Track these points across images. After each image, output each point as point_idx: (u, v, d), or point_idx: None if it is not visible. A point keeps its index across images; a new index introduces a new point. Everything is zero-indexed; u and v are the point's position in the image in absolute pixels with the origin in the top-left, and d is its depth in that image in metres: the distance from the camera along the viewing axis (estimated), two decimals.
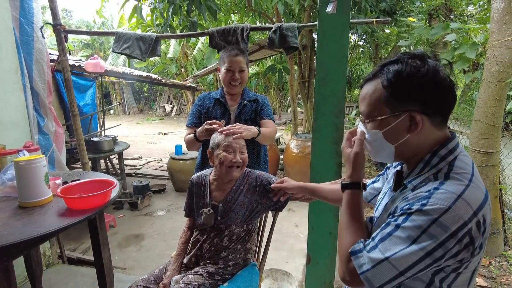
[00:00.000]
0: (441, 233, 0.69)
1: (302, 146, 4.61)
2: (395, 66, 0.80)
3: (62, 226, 1.35)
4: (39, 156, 1.54)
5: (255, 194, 1.52)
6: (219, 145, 1.46)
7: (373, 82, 0.84)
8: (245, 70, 1.87)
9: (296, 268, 2.86)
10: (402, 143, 0.82)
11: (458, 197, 0.70)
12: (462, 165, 0.78)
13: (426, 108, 0.78)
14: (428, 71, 0.77)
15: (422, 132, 0.80)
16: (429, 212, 0.70)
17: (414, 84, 0.77)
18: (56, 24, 2.25)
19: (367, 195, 1.18)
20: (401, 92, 0.79)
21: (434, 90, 0.77)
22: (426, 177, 0.79)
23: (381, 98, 0.81)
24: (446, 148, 0.80)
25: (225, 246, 1.48)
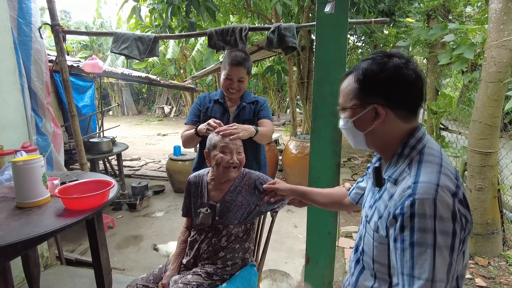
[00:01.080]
0: (445, 224, 0.74)
1: (301, 147, 4.61)
2: (364, 63, 0.90)
3: (60, 226, 1.34)
4: (37, 157, 1.53)
5: (253, 196, 1.51)
6: (216, 146, 1.46)
7: (349, 76, 0.93)
8: (244, 80, 1.86)
9: (295, 269, 2.86)
10: (370, 131, 0.91)
11: (436, 185, 0.76)
12: (431, 151, 0.86)
13: (389, 102, 0.86)
14: (389, 68, 0.85)
15: (387, 123, 0.88)
16: (424, 212, 0.74)
17: (378, 80, 0.86)
18: (54, 24, 2.24)
19: (354, 197, 1.24)
20: (367, 87, 0.88)
21: (396, 85, 0.85)
22: (403, 168, 0.86)
23: (353, 91, 0.91)
24: (414, 138, 0.88)
25: (223, 246, 1.47)
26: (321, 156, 1.74)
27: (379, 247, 0.88)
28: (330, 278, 1.90)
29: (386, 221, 0.84)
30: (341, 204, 1.31)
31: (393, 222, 0.80)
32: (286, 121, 11.91)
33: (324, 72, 1.69)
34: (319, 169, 1.76)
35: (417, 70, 0.87)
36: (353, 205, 1.25)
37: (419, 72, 0.87)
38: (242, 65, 1.79)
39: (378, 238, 0.88)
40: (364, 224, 0.98)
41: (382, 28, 7.19)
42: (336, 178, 1.72)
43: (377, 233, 0.89)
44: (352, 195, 1.24)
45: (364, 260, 0.95)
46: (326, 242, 1.82)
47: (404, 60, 0.86)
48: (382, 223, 0.86)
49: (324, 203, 1.33)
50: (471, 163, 2.80)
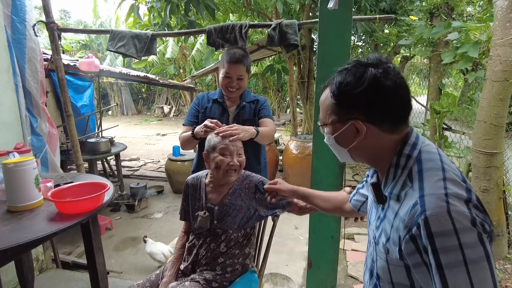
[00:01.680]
0: (470, 235, 0.66)
1: (301, 147, 4.56)
2: (339, 76, 0.82)
3: (52, 231, 1.29)
4: (29, 158, 1.48)
5: (253, 200, 1.46)
6: (215, 147, 1.40)
7: (327, 89, 0.87)
8: (244, 78, 1.80)
9: (296, 272, 2.80)
10: (354, 147, 0.84)
11: (445, 195, 0.69)
12: (429, 155, 0.79)
13: (369, 117, 0.80)
14: (365, 81, 0.77)
15: (370, 138, 0.81)
16: (442, 229, 0.66)
17: (353, 95, 0.79)
18: (49, 22, 2.18)
19: (355, 204, 1.17)
20: (343, 102, 0.82)
21: (374, 98, 0.78)
22: (403, 181, 0.79)
23: (330, 106, 0.85)
24: (408, 145, 0.81)
25: (222, 252, 1.41)
26: (324, 157, 1.68)
27: (396, 269, 0.80)
28: (333, 283, 1.84)
29: (397, 244, 0.76)
30: (342, 209, 1.24)
31: (410, 245, 0.72)
32: (286, 121, 11.85)
33: (327, 71, 1.64)
34: (322, 171, 1.70)
35: (398, 77, 0.79)
36: (355, 212, 1.19)
37: (400, 79, 0.79)
38: (241, 62, 1.73)
39: (392, 261, 0.80)
40: (374, 247, 0.90)
41: (383, 27, 7.14)
42: (339, 180, 1.67)
43: (388, 255, 0.81)
44: (353, 202, 1.18)
45: (382, 286, 0.88)
46: (328, 246, 1.77)
47: (381, 69, 0.78)
48: (392, 246, 0.79)
49: (325, 208, 1.27)
50: (475, 163, 2.74)
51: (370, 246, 0.95)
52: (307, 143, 4.53)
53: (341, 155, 0.92)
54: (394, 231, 0.77)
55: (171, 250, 2.68)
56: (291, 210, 1.47)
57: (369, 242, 0.96)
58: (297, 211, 1.47)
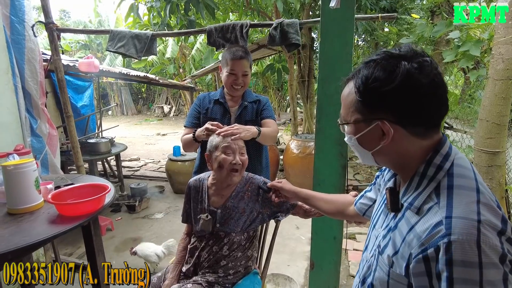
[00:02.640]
0: (495, 272, 0.59)
1: (302, 146, 4.55)
2: (366, 69, 0.72)
3: (52, 234, 1.28)
4: (29, 160, 1.47)
5: (256, 203, 1.44)
6: (217, 147, 1.38)
7: (350, 83, 0.77)
8: (248, 74, 1.79)
9: (298, 272, 2.79)
10: (378, 151, 0.76)
11: (477, 222, 0.61)
12: (462, 171, 0.70)
13: (399, 118, 0.70)
14: (397, 77, 0.67)
15: (397, 141, 0.72)
16: (466, 259, 0.59)
17: (382, 92, 0.69)
18: (48, 22, 2.17)
19: (360, 207, 1.11)
20: (370, 100, 0.72)
21: (407, 98, 0.68)
22: (427, 194, 0.70)
23: (353, 103, 0.76)
24: (440, 154, 0.72)
25: (225, 255, 1.40)
26: (326, 157, 1.66)
27: (396, 285, 0.73)
28: (336, 284, 1.83)
29: (405, 260, 0.69)
30: (345, 213, 1.19)
31: (420, 266, 0.65)
32: (286, 120, 11.83)
33: (329, 70, 1.62)
34: (324, 172, 1.68)
35: (436, 74, 0.69)
36: (359, 216, 1.13)
37: (438, 76, 0.69)
38: (244, 58, 1.73)
39: (395, 276, 0.73)
40: (375, 255, 0.82)
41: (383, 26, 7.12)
42: (342, 180, 1.65)
43: (392, 269, 0.74)
44: (359, 205, 1.11)
45: None
46: (331, 247, 1.75)
47: (417, 64, 0.68)
48: (399, 260, 0.72)
49: (328, 210, 1.23)
50: (477, 163, 2.73)
51: (368, 252, 0.88)
52: (308, 143, 4.52)
53: (364, 158, 0.83)
54: (405, 246, 0.70)
55: (164, 250, 2.67)
56: (295, 213, 1.46)
57: (368, 248, 0.89)
58: (302, 214, 1.45)
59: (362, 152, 0.81)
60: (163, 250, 2.66)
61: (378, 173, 1.05)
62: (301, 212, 1.45)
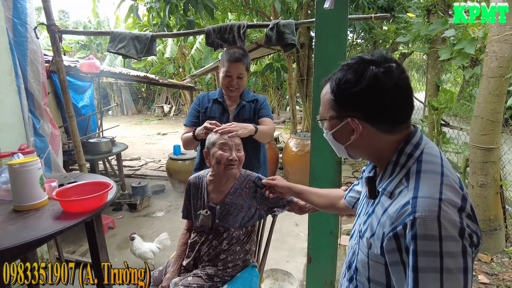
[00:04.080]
0: (454, 245, 0.65)
1: (301, 144, 4.58)
2: (340, 72, 0.81)
3: (57, 230, 1.32)
4: (34, 159, 1.51)
5: (254, 200, 1.49)
6: (215, 144, 1.43)
7: (328, 84, 0.86)
8: (244, 77, 1.83)
9: (297, 268, 2.84)
10: (350, 145, 0.84)
11: (439, 200, 0.68)
12: (430, 158, 0.77)
13: (366, 116, 0.78)
14: (365, 80, 0.76)
15: (366, 137, 0.80)
16: (428, 233, 0.66)
17: (351, 93, 0.78)
18: (50, 24, 2.21)
19: (349, 200, 1.18)
20: (341, 99, 0.81)
21: (371, 98, 0.76)
22: (399, 179, 0.78)
23: (329, 101, 0.84)
24: (410, 144, 0.79)
25: (224, 249, 1.45)
26: (322, 154, 1.71)
27: (375, 266, 0.80)
28: (332, 277, 1.88)
29: (380, 240, 0.76)
30: (336, 206, 1.25)
31: (391, 243, 0.72)
32: (286, 119, 11.88)
33: (324, 69, 1.67)
34: (320, 168, 1.73)
35: (401, 78, 0.76)
36: (349, 209, 1.20)
37: (402, 80, 0.76)
38: (240, 61, 1.76)
39: (373, 256, 0.80)
40: (357, 240, 0.90)
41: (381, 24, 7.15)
42: (337, 177, 1.70)
43: (370, 250, 0.81)
44: (348, 198, 1.18)
45: (358, 279, 0.88)
46: (327, 241, 1.80)
47: (383, 69, 0.75)
48: (375, 241, 0.79)
49: (320, 204, 1.28)
50: (473, 159, 2.77)
51: (353, 239, 0.95)
52: (307, 141, 4.55)
53: (339, 151, 0.92)
54: (380, 227, 0.77)
55: (158, 246, 2.72)
56: (291, 209, 1.51)
57: (353, 235, 0.96)
58: (297, 210, 1.50)
59: (337, 145, 0.90)
60: (157, 245, 2.71)
61: (364, 167, 1.11)
62: (296, 208, 1.50)
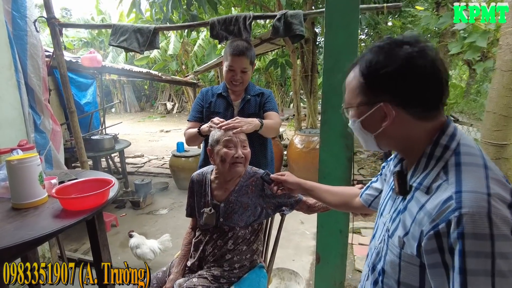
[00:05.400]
0: (507, 244, 0.58)
1: (306, 141, 4.52)
2: (369, 54, 0.76)
3: (56, 229, 1.27)
4: (32, 155, 1.46)
5: (260, 198, 1.42)
6: (219, 141, 1.36)
7: (355, 68, 0.80)
8: (248, 71, 1.75)
9: (303, 266, 2.78)
10: (381, 133, 0.78)
11: (487, 195, 0.62)
12: (469, 149, 0.71)
13: (400, 100, 0.73)
14: (398, 60, 0.70)
15: (399, 124, 0.75)
16: (477, 231, 0.59)
17: (383, 74, 0.72)
18: (50, 17, 2.15)
19: (366, 198, 1.11)
20: (372, 82, 0.75)
21: (406, 80, 0.71)
22: (436, 173, 0.71)
23: (357, 86, 0.78)
24: (446, 135, 0.73)
25: (229, 249, 1.39)
26: (332, 150, 1.64)
27: (408, 267, 0.73)
28: (342, 277, 1.82)
29: (417, 240, 0.70)
30: (351, 205, 1.19)
31: (432, 242, 0.65)
32: (289, 116, 11.79)
33: (334, 61, 1.60)
34: (329, 164, 1.66)
35: (436, 58, 0.71)
36: (365, 208, 1.13)
37: (438, 61, 0.71)
38: (244, 54, 1.68)
39: (406, 257, 0.73)
40: (385, 239, 0.83)
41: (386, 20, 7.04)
42: (348, 173, 1.63)
43: (403, 250, 0.74)
44: (365, 196, 1.11)
45: (385, 282, 0.81)
46: (337, 240, 1.74)
47: (418, 48, 0.70)
48: (410, 240, 0.72)
49: (332, 202, 1.21)
50: None
51: (376, 240, 0.89)
52: (312, 138, 4.50)
53: (367, 142, 0.84)
54: (416, 225, 0.71)
55: (159, 246, 2.65)
56: (299, 208, 1.44)
57: (376, 236, 0.90)
58: (306, 210, 1.43)
59: (365, 136, 0.82)
60: (159, 246, 2.65)
61: (384, 163, 1.05)
62: (304, 207, 1.43)
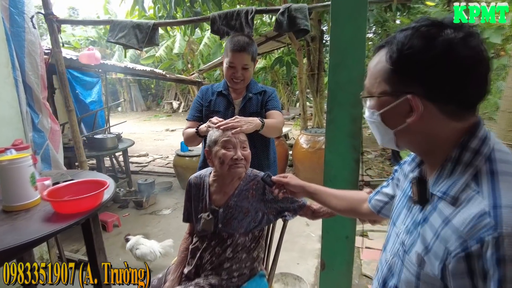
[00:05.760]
0: None
1: (312, 141, 4.43)
2: (402, 35, 0.64)
3: (46, 233, 1.21)
4: (24, 155, 1.40)
5: (261, 203, 1.33)
6: (217, 141, 1.28)
7: (382, 51, 0.69)
8: (249, 67, 1.66)
9: (308, 270, 2.70)
10: (403, 130, 0.68)
11: None
12: (505, 156, 0.61)
13: (431, 93, 0.62)
14: (438, 46, 0.59)
15: (426, 121, 0.64)
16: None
17: (417, 61, 0.61)
18: (47, 13, 2.10)
19: (375, 204, 1.01)
20: (402, 69, 0.64)
21: (442, 71, 0.60)
22: (465, 182, 0.61)
23: (382, 72, 0.67)
24: (476, 138, 0.62)
25: (228, 257, 1.30)
26: (338, 151, 1.55)
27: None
28: (348, 285, 1.72)
29: (440, 259, 0.60)
30: (358, 210, 1.09)
31: (461, 265, 0.56)
32: (295, 115, 11.67)
33: (341, 57, 1.50)
34: (335, 166, 1.57)
35: (482, 49, 0.60)
36: (373, 214, 1.03)
37: (483, 52, 0.60)
38: (245, 50, 1.59)
39: (426, 278, 0.64)
40: (400, 254, 0.73)
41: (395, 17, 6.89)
42: (355, 176, 1.54)
43: (421, 269, 0.65)
44: (374, 202, 1.01)
45: None
46: (343, 246, 1.64)
47: (463, 34, 0.59)
48: (432, 259, 0.62)
49: (338, 207, 1.12)
50: None
51: (388, 252, 0.80)
52: (318, 137, 4.40)
53: (383, 138, 0.74)
54: (439, 242, 0.61)
55: (160, 250, 2.57)
56: (303, 214, 1.35)
57: (388, 248, 0.81)
58: (310, 215, 1.34)
59: (383, 130, 0.72)
60: (160, 250, 2.58)
61: (396, 167, 0.95)
62: (309, 212, 1.34)
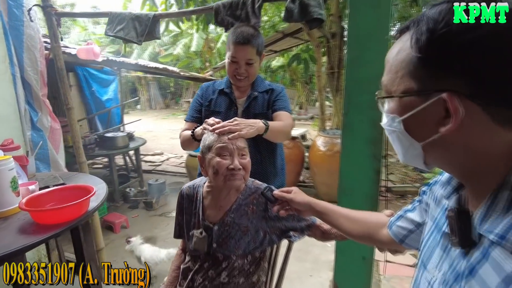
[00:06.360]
0: None
1: (330, 143, 4.19)
2: (434, 11, 0.45)
3: (20, 247, 1.07)
4: (4, 158, 1.28)
5: (263, 220, 1.14)
6: (211, 147, 1.09)
7: (405, 36, 0.50)
8: (254, 62, 1.47)
9: (321, 284, 2.50)
10: (435, 143, 0.48)
11: None
12: None
13: (476, 90, 0.43)
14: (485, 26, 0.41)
15: (470, 130, 0.45)
16: None
17: (457, 44, 0.43)
18: (46, 6, 1.98)
19: (397, 231, 0.79)
20: (435, 56, 0.45)
21: (494, 58, 0.41)
22: None
23: (407, 63, 0.48)
24: None
25: (223, 283, 1.12)
26: (355, 160, 1.33)
27: None
28: None
29: None
30: (375, 237, 0.87)
31: None
32: (314, 115, 11.38)
33: (359, 51, 1.29)
34: (352, 178, 1.35)
35: None
36: (394, 243, 0.81)
37: None
38: (250, 43, 1.40)
39: None
40: None
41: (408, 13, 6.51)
42: (375, 189, 1.32)
43: None
44: (395, 228, 0.81)
45: None
46: (359, 269, 1.43)
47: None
48: None
49: (351, 231, 0.91)
50: None
51: None
52: (336, 139, 4.17)
53: (407, 153, 0.54)
54: None
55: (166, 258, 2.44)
56: (311, 234, 1.15)
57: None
58: (320, 236, 1.13)
59: (406, 143, 0.52)
60: (166, 256, 2.44)
61: (424, 187, 0.73)
62: (318, 233, 1.13)
